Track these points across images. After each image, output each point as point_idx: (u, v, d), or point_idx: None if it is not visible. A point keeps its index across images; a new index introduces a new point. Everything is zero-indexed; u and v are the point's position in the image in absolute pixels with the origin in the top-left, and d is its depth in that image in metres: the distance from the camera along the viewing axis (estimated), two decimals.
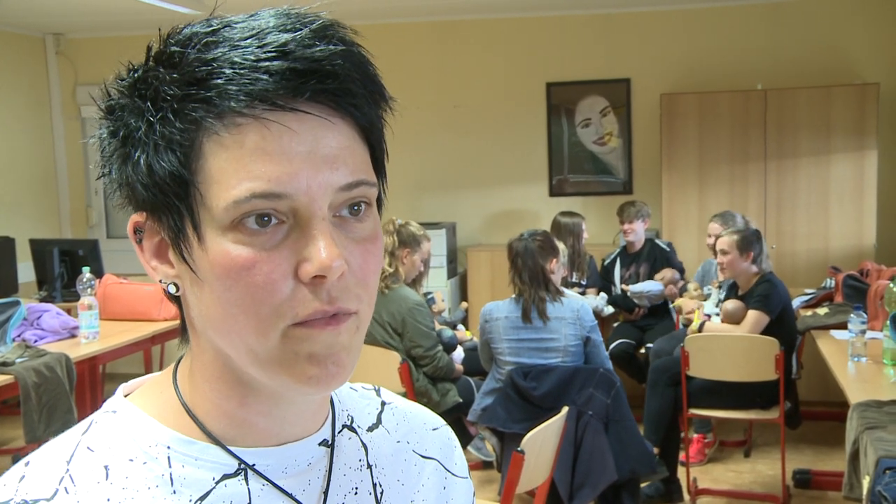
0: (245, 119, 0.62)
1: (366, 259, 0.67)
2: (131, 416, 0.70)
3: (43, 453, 0.68)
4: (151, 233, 0.68)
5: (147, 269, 0.69)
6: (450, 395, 4.23)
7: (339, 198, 0.65)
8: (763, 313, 4.19)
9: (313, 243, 0.63)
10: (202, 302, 0.66)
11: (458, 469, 0.89)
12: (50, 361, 3.56)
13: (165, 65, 0.64)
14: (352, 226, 0.66)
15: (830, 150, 5.59)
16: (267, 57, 0.62)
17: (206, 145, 0.63)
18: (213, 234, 0.63)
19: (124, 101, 0.66)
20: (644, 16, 6.18)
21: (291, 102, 0.62)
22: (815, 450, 4.90)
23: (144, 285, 4.70)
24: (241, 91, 0.61)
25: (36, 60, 6.76)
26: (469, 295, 6.19)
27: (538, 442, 2.76)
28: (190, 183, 0.63)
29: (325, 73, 0.63)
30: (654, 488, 4.27)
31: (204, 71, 0.62)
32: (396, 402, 0.88)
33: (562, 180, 6.42)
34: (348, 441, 0.78)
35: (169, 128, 0.63)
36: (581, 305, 3.77)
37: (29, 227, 6.31)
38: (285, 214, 0.63)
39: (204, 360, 0.70)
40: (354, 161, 0.65)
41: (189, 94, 0.62)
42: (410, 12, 6.23)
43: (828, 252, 5.64)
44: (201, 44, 0.63)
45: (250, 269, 0.62)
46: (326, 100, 0.64)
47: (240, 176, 0.62)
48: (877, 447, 2.49)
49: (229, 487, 0.69)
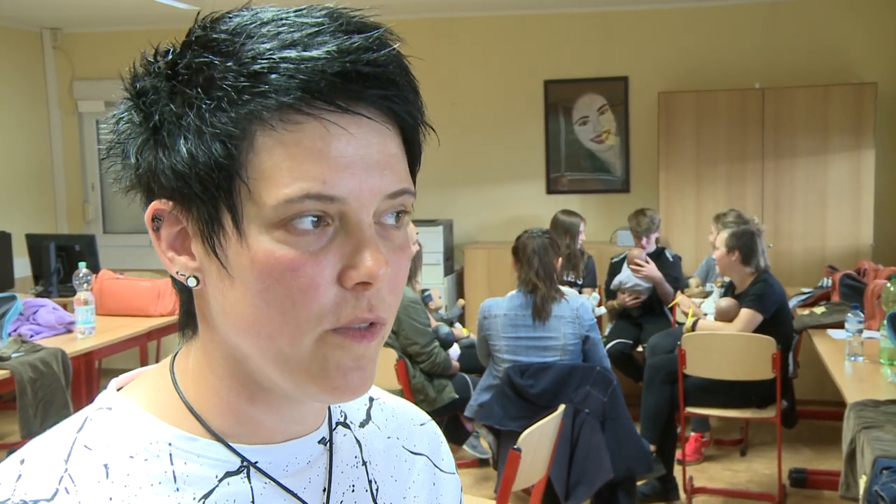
0: (304, 117, 0.61)
1: (400, 267, 0.66)
2: (128, 412, 0.68)
3: (37, 451, 0.66)
4: (172, 222, 0.66)
5: (163, 260, 0.67)
6: (446, 391, 4.24)
7: (384, 205, 0.64)
8: (756, 312, 4.19)
9: (361, 250, 0.62)
10: (228, 299, 0.64)
11: (445, 465, 0.89)
12: (46, 356, 3.55)
13: (216, 52, 0.62)
14: (391, 233, 0.66)
15: (828, 149, 5.60)
16: (330, 57, 0.61)
17: (260, 139, 0.61)
18: (256, 230, 0.62)
19: (160, 85, 0.64)
20: (642, 14, 6.18)
21: (353, 105, 0.62)
22: (812, 449, 4.91)
23: (141, 281, 4.69)
24: (303, 88, 0.60)
25: (33, 55, 6.75)
26: (466, 292, 6.19)
27: (534, 440, 2.76)
28: (236, 175, 0.61)
29: (386, 80, 0.63)
30: (651, 486, 4.27)
31: (264, 65, 0.60)
32: (383, 397, 0.87)
33: (559, 178, 6.41)
34: (344, 438, 0.78)
35: (221, 117, 0.61)
36: (581, 304, 3.78)
37: (25, 221, 6.30)
38: (332, 217, 0.62)
39: (216, 355, 0.68)
40: (401, 169, 0.65)
41: (247, 87, 0.60)
42: (408, 9, 6.22)
43: (825, 251, 5.64)
44: (255, 35, 0.62)
45: (295, 270, 0.61)
46: (384, 105, 0.63)
47: (294, 175, 0.60)
48: (874, 447, 2.50)
49: (232, 485, 0.68)
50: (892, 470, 2.30)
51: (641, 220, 5.37)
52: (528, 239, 3.80)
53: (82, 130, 6.91)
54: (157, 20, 6.15)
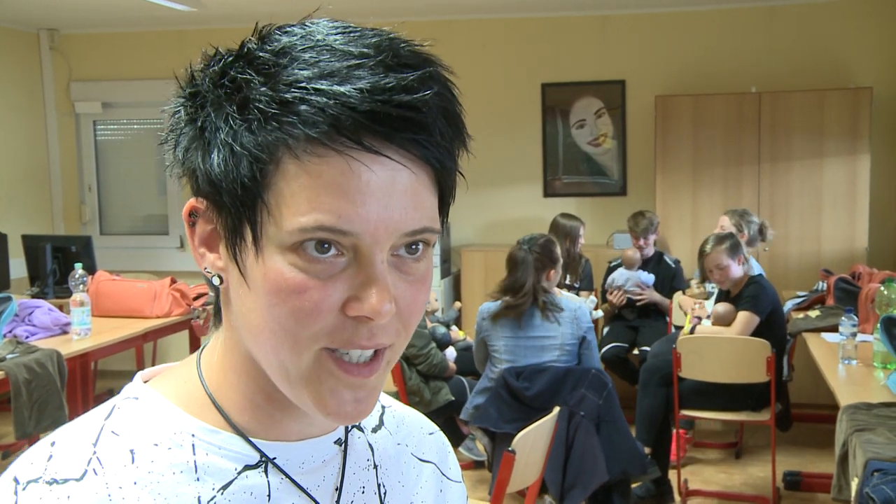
0: (329, 150, 0.61)
1: (415, 298, 0.67)
2: (155, 402, 0.71)
3: (67, 435, 0.68)
4: (206, 221, 0.68)
5: (194, 254, 0.70)
6: (441, 393, 4.24)
7: (401, 241, 0.65)
8: (753, 314, 4.21)
9: (369, 285, 0.63)
10: (244, 305, 0.67)
11: (452, 473, 0.91)
12: (41, 358, 3.55)
13: (258, 71, 0.63)
14: (408, 265, 0.67)
15: (823, 153, 5.61)
16: (362, 95, 0.61)
17: (285, 165, 0.62)
18: (273, 250, 0.63)
19: (208, 92, 0.65)
20: (639, 18, 6.20)
21: (379, 146, 0.62)
22: (806, 452, 4.92)
23: (137, 282, 4.69)
24: (330, 124, 0.61)
25: (30, 56, 6.75)
26: (462, 295, 6.19)
27: (529, 442, 2.77)
28: (259, 196, 0.63)
29: (417, 124, 0.63)
30: (645, 489, 4.27)
31: (296, 94, 0.61)
32: (394, 405, 0.90)
33: (556, 181, 6.42)
34: (358, 441, 0.81)
35: (251, 138, 0.62)
36: (579, 306, 3.80)
37: (22, 222, 6.30)
38: (345, 248, 0.63)
39: (236, 353, 0.71)
40: (424, 208, 0.65)
41: (277, 114, 0.62)
42: (405, 12, 6.23)
43: (820, 255, 5.66)
44: (297, 60, 0.62)
45: (301, 293, 0.63)
46: (413, 148, 0.63)
47: (311, 205, 0.62)
48: (865, 449, 2.50)
49: (250, 479, 0.70)
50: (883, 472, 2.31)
51: (640, 221, 5.39)
52: (515, 251, 3.80)
53: (79, 131, 6.91)
54: (154, 22, 6.15)
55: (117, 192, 6.95)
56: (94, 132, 6.92)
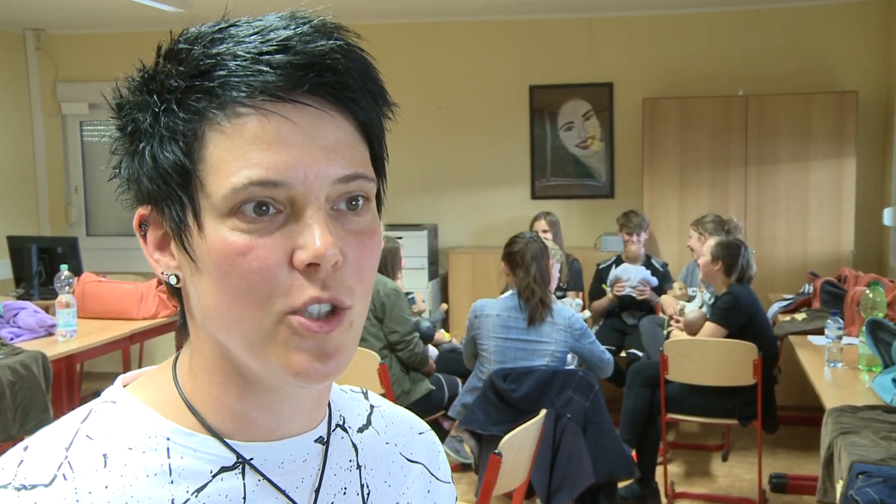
0: (246, 110, 0.64)
1: (362, 252, 0.68)
2: (131, 406, 0.71)
3: (41, 439, 0.68)
4: (155, 225, 0.70)
5: (150, 262, 0.71)
6: (422, 383, 4.27)
7: (336, 190, 0.66)
8: (719, 326, 4.23)
9: (308, 231, 0.64)
10: (200, 291, 0.67)
11: (441, 474, 0.90)
12: (26, 360, 3.53)
13: (172, 61, 0.66)
14: (349, 219, 0.67)
15: (810, 156, 5.64)
16: (269, 51, 0.64)
17: (208, 135, 0.64)
18: (213, 221, 0.65)
19: (133, 98, 0.68)
20: (627, 21, 6.21)
21: (291, 94, 0.64)
22: (792, 454, 4.94)
23: (123, 284, 4.67)
24: (243, 82, 0.63)
25: (16, 56, 6.71)
26: (449, 297, 6.19)
27: (516, 444, 2.77)
28: (191, 172, 0.65)
29: (323, 67, 0.65)
30: (631, 490, 4.28)
31: (208, 64, 0.64)
32: (384, 406, 0.89)
33: (544, 183, 6.43)
34: (341, 441, 0.80)
35: (173, 118, 0.65)
36: (572, 314, 3.81)
37: (7, 223, 6.26)
38: (282, 203, 0.64)
39: (204, 352, 0.71)
40: (352, 155, 0.67)
41: (193, 86, 0.64)
42: (394, 14, 6.23)
43: (806, 257, 5.68)
44: (207, 41, 0.66)
45: (246, 254, 0.64)
46: (325, 93, 0.65)
47: (238, 164, 0.63)
48: (850, 452, 2.51)
49: (226, 481, 0.70)
50: (867, 475, 2.32)
51: (633, 218, 5.46)
52: (525, 245, 3.81)
53: (65, 132, 6.87)
54: (141, 23, 6.12)
55: (104, 194, 6.91)
56: (81, 133, 6.89)
